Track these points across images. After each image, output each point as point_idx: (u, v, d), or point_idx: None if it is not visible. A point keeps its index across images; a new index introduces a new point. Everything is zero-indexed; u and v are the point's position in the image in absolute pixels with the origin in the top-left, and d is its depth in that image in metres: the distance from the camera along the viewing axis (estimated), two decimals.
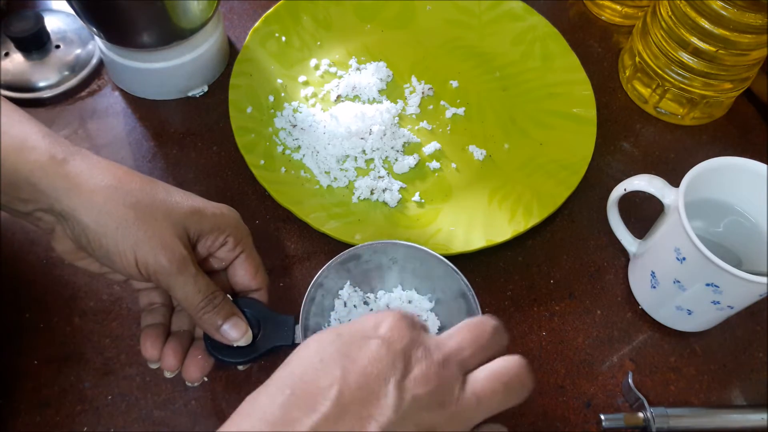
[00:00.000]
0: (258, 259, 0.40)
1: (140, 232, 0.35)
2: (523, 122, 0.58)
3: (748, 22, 0.51)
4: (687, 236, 0.41)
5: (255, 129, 0.54)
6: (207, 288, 0.36)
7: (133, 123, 0.56)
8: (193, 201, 0.38)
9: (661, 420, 0.43)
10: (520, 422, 0.45)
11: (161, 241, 0.35)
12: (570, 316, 0.50)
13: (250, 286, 0.40)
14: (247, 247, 0.40)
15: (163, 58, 0.54)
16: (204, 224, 0.37)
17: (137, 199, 0.35)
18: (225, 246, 0.39)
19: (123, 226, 0.35)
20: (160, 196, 0.36)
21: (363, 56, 0.61)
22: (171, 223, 0.36)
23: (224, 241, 0.39)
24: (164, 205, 0.36)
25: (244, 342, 0.38)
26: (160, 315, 0.40)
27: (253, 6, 0.65)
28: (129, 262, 0.35)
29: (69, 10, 0.56)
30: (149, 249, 0.35)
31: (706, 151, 0.60)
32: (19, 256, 0.49)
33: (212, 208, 0.38)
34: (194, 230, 0.37)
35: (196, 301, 0.36)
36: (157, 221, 0.35)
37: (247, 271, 0.40)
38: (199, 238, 0.38)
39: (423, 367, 0.29)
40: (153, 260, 0.35)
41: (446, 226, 0.51)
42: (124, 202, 0.35)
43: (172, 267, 0.35)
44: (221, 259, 0.40)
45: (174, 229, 0.36)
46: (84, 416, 0.43)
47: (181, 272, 0.35)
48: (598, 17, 0.68)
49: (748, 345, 0.49)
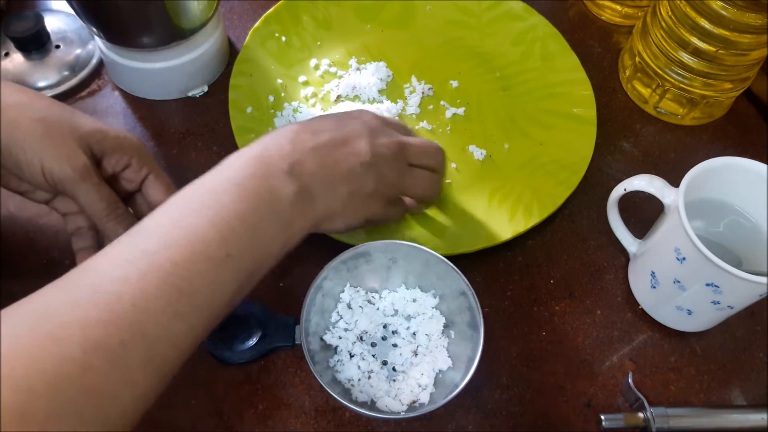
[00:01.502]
0: (166, 178, 0.44)
1: (46, 143, 0.38)
2: (523, 122, 0.58)
3: (748, 22, 0.51)
4: (687, 236, 0.41)
5: (255, 129, 0.54)
6: (109, 197, 0.40)
7: (133, 123, 0.56)
8: (97, 123, 0.42)
9: (661, 420, 0.43)
10: (520, 422, 0.45)
11: (66, 151, 0.39)
12: (570, 316, 0.50)
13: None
14: (154, 168, 0.44)
15: (163, 58, 0.54)
16: (106, 143, 0.41)
17: (45, 115, 0.39)
18: (130, 167, 0.43)
19: (30, 137, 0.38)
20: (66, 114, 0.40)
21: (363, 56, 0.61)
22: (75, 138, 0.39)
23: (128, 162, 0.42)
24: (69, 122, 0.40)
25: None
26: (89, 238, 0.43)
27: (253, 6, 0.65)
28: (36, 171, 0.38)
29: (69, 10, 0.57)
30: (54, 158, 0.38)
31: (706, 151, 0.60)
32: (19, 256, 0.49)
33: (115, 132, 0.42)
34: (97, 148, 0.41)
35: (100, 208, 0.40)
36: (62, 134, 0.39)
37: (159, 189, 0.43)
38: (102, 155, 0.41)
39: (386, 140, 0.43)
40: (57, 168, 0.38)
41: (446, 226, 0.51)
42: (32, 117, 0.39)
43: (76, 174, 0.39)
44: (129, 180, 0.43)
45: (78, 142, 0.39)
46: None
47: (84, 179, 0.39)
48: (598, 17, 0.68)
49: (748, 345, 0.49)
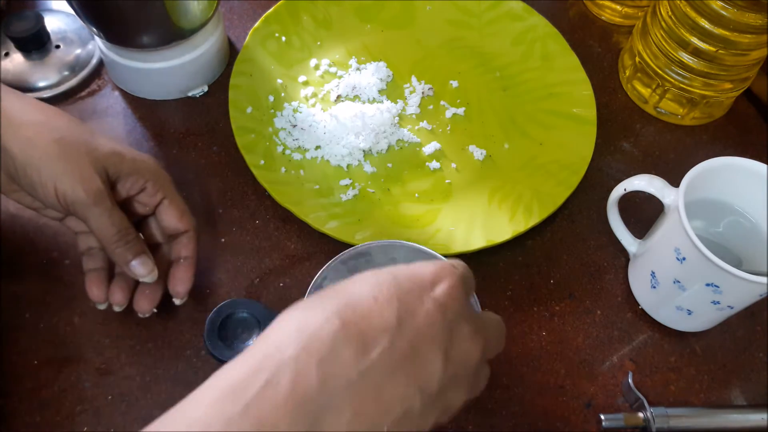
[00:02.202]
0: (182, 204, 0.43)
1: (61, 165, 0.37)
2: (523, 122, 0.58)
3: (748, 22, 0.51)
4: (687, 236, 0.41)
5: (255, 129, 0.54)
6: (121, 223, 0.39)
7: (133, 123, 0.56)
8: (114, 145, 0.41)
9: (661, 420, 0.43)
10: (520, 422, 0.45)
11: (80, 174, 0.38)
12: (570, 316, 0.49)
13: (177, 228, 0.43)
14: (169, 193, 0.42)
15: (163, 58, 0.54)
16: (123, 166, 0.40)
17: (62, 135, 0.38)
18: (145, 191, 0.42)
19: (46, 158, 0.37)
20: (84, 135, 0.39)
21: (363, 56, 0.61)
22: (91, 160, 0.38)
23: (143, 186, 0.41)
24: (87, 143, 0.39)
25: (150, 279, 0.41)
26: (100, 259, 0.43)
27: (253, 6, 0.65)
28: (49, 192, 0.38)
29: (69, 10, 0.56)
30: (68, 180, 0.37)
31: (706, 151, 0.60)
32: (19, 256, 0.49)
33: (132, 154, 0.41)
34: (113, 171, 0.40)
35: (110, 234, 0.39)
36: (78, 156, 0.38)
37: (172, 215, 0.42)
38: (118, 179, 0.40)
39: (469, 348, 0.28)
40: (71, 191, 0.37)
41: (446, 226, 0.51)
42: (49, 137, 0.38)
43: (88, 198, 0.38)
44: (144, 203, 0.42)
45: (93, 165, 0.38)
46: (84, 416, 0.43)
47: (96, 204, 0.38)
48: (598, 17, 0.68)
49: (748, 345, 0.49)
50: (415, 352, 0.26)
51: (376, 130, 0.54)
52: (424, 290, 0.28)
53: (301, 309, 0.27)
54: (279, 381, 0.24)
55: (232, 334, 0.43)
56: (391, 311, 0.26)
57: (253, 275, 0.49)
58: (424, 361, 0.26)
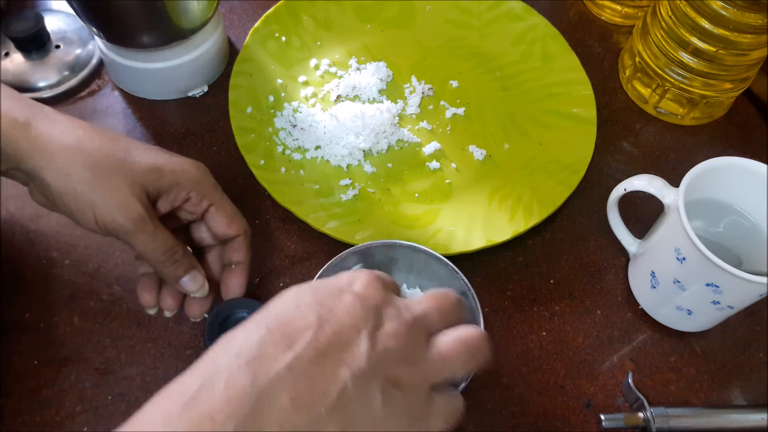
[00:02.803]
0: (231, 208, 0.42)
1: (97, 193, 0.37)
2: (523, 122, 0.58)
3: (748, 22, 0.51)
4: (687, 236, 0.41)
5: (255, 129, 0.54)
6: (166, 243, 0.38)
7: (133, 123, 0.56)
8: (152, 158, 0.39)
9: (661, 420, 0.43)
10: (520, 422, 0.45)
11: (117, 201, 0.37)
12: (570, 316, 0.50)
13: (227, 233, 0.42)
14: (215, 199, 0.41)
15: (163, 58, 0.54)
16: (163, 182, 0.39)
17: (95, 160, 0.37)
18: (189, 201, 0.40)
19: (81, 186, 0.36)
20: (119, 155, 0.38)
21: (363, 56, 0.61)
22: (128, 183, 0.37)
23: (187, 197, 0.40)
24: (122, 164, 0.38)
25: (201, 294, 0.41)
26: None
27: (253, 6, 0.65)
28: (89, 220, 0.37)
29: (69, 10, 0.56)
30: (106, 209, 0.37)
31: (706, 151, 0.60)
32: (19, 256, 0.49)
33: (172, 164, 0.40)
34: (153, 188, 0.39)
35: (156, 256, 0.38)
36: (114, 182, 0.37)
37: (220, 222, 0.41)
38: (159, 194, 0.39)
39: (394, 324, 0.30)
40: (110, 219, 0.37)
41: (446, 226, 0.51)
42: (82, 164, 0.37)
43: (129, 226, 0.37)
44: (190, 212, 0.41)
45: (131, 189, 0.37)
46: (84, 416, 0.43)
47: (138, 231, 0.37)
48: (598, 17, 0.68)
49: (748, 345, 0.49)
50: (338, 337, 0.28)
51: (376, 130, 0.54)
52: (342, 291, 0.30)
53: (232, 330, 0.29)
54: (213, 382, 0.26)
55: None
56: (312, 313, 0.29)
57: (253, 275, 0.49)
58: (349, 343, 0.28)
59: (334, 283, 0.31)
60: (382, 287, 0.31)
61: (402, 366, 0.29)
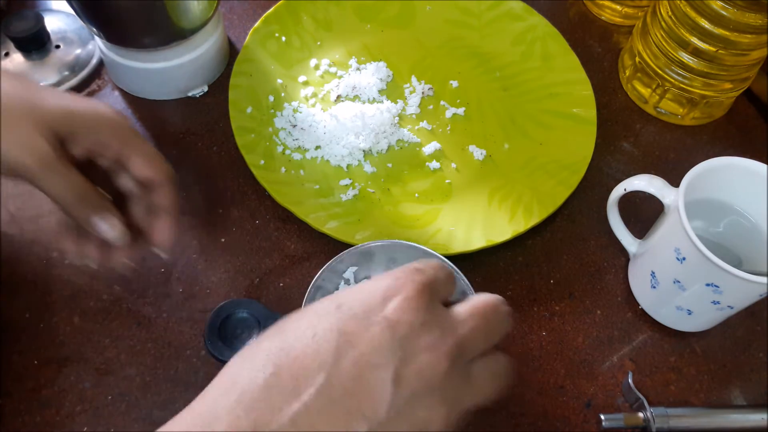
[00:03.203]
0: (152, 154, 0.40)
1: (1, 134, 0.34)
2: (523, 122, 0.58)
3: (748, 22, 0.51)
4: (687, 236, 0.41)
5: (255, 129, 0.54)
6: (76, 184, 0.36)
7: (132, 123, 0.56)
8: (64, 101, 0.37)
9: (661, 420, 0.43)
10: (520, 422, 0.45)
11: (22, 140, 0.35)
12: (570, 316, 0.50)
13: (149, 177, 0.39)
14: (134, 145, 0.39)
15: (163, 58, 0.54)
16: (75, 125, 0.37)
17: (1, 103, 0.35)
18: (107, 147, 0.38)
19: None
20: (26, 94, 0.36)
21: (363, 56, 0.61)
22: (32, 122, 0.35)
23: (103, 142, 0.38)
24: (29, 103, 0.36)
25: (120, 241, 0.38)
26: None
27: (253, 6, 0.65)
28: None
29: (69, 10, 0.56)
30: (10, 149, 0.35)
31: (706, 151, 0.60)
32: (19, 256, 0.49)
33: (85, 108, 0.37)
34: (64, 130, 0.36)
35: (66, 197, 0.36)
36: (19, 120, 0.35)
37: (141, 165, 0.39)
38: (72, 138, 0.37)
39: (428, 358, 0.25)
40: (14, 160, 0.35)
41: (446, 226, 0.51)
42: None
43: (34, 166, 0.35)
44: (109, 158, 0.39)
45: (38, 129, 0.35)
46: (84, 416, 0.43)
47: (45, 170, 0.35)
48: (598, 17, 0.68)
49: (748, 345, 0.49)
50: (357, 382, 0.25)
51: (376, 130, 0.54)
52: (373, 311, 0.26)
53: (239, 359, 0.27)
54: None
55: (232, 334, 0.43)
56: (329, 346, 0.25)
57: (253, 275, 0.49)
58: (369, 390, 0.25)
59: (365, 300, 0.27)
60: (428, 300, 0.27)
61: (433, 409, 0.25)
